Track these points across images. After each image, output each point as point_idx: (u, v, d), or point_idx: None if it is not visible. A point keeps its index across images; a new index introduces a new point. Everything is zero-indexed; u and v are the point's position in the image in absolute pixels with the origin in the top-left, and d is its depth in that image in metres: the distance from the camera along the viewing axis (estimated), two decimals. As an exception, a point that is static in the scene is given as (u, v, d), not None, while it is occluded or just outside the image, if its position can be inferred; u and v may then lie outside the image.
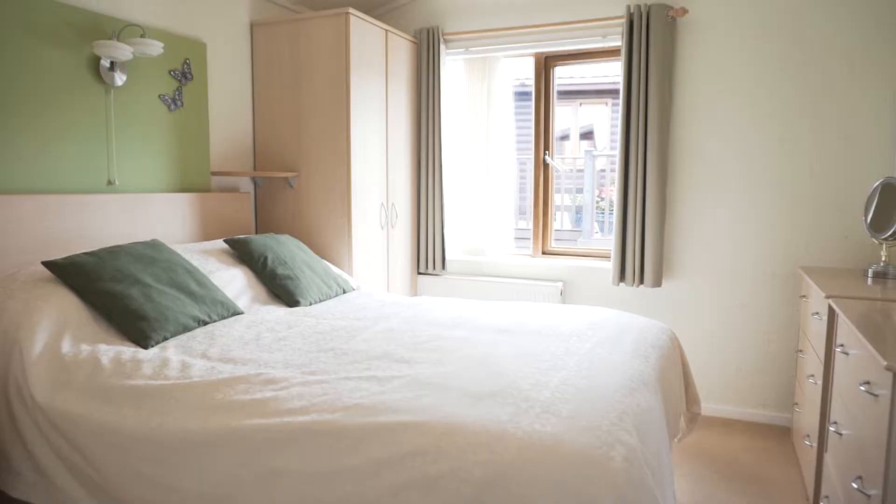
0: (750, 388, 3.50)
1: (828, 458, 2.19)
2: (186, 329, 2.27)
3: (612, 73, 7.84)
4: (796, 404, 3.04)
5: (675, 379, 2.37)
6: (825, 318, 2.35)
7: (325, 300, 2.95)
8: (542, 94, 4.02)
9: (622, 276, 3.63)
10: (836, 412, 2.09)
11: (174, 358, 1.99)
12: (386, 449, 1.47)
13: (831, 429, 2.05)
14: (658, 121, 3.42)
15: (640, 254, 3.54)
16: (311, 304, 2.85)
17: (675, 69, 3.50)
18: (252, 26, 3.59)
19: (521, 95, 5.22)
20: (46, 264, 2.21)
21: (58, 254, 2.51)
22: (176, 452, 1.65)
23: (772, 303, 3.42)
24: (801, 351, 3.01)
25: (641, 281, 3.57)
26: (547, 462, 1.37)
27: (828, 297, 2.27)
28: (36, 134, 2.50)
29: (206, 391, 1.75)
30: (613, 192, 3.61)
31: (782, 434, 3.33)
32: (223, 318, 2.46)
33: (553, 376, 1.78)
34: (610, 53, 3.81)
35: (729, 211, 3.46)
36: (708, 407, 3.54)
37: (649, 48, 3.40)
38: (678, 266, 3.61)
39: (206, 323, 2.36)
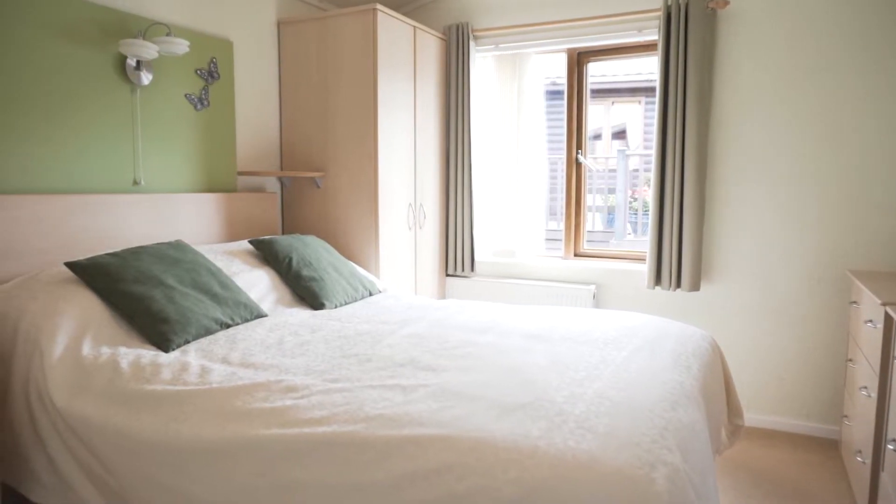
0: (793, 398, 3.34)
1: (884, 478, 2.04)
2: (208, 332, 2.22)
3: (645, 70, 7.66)
4: (846, 417, 2.87)
5: (718, 390, 2.24)
6: (881, 326, 2.19)
7: (350, 303, 2.88)
8: (575, 91, 3.90)
9: (658, 279, 3.49)
10: (894, 429, 1.94)
11: (194, 362, 1.93)
12: (410, 464, 1.39)
13: (889, 447, 1.90)
14: (696, 117, 3.27)
15: (678, 256, 3.40)
16: (336, 306, 2.79)
17: (714, 64, 3.35)
18: (279, 24, 3.55)
19: (553, 94, 5.10)
20: (69, 265, 2.18)
21: (82, 254, 2.49)
22: (192, 461, 1.59)
23: (817, 308, 3.24)
24: (850, 360, 2.84)
25: (678, 284, 3.43)
26: (583, 482, 1.27)
27: (884, 304, 2.12)
28: (62, 133, 2.48)
29: (224, 398, 1.69)
30: (647, 192, 3.47)
31: (829, 447, 3.16)
32: (246, 320, 2.40)
33: (588, 388, 1.67)
34: (645, 48, 3.68)
35: (772, 211, 3.30)
36: (748, 417, 3.38)
37: (688, 42, 3.26)
38: (717, 269, 3.46)
39: (228, 326, 2.31)
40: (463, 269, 4.05)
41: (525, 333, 2.29)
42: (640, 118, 8.43)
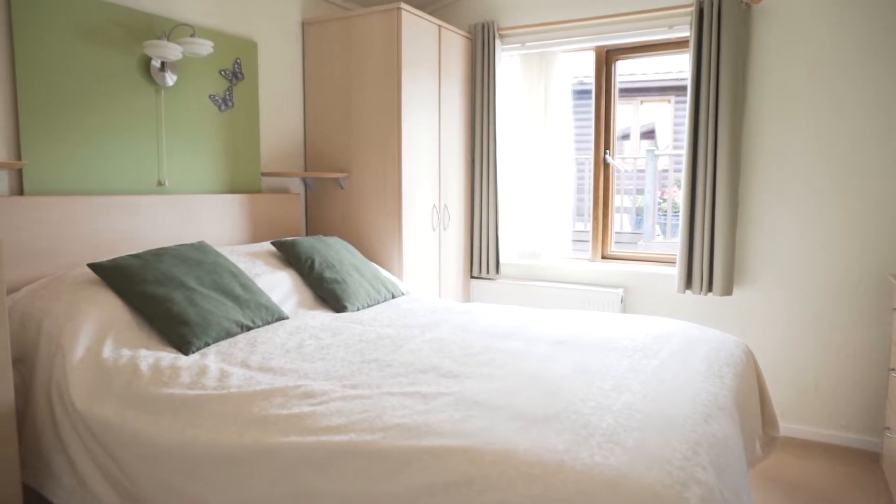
0: (830, 409, 3.21)
1: (931, 496, 1.93)
2: (229, 334, 2.19)
3: (675, 68, 7.51)
4: (888, 429, 2.74)
5: (752, 400, 2.14)
6: (927, 335, 2.08)
7: (373, 305, 2.84)
8: (603, 90, 3.81)
9: (688, 283, 3.39)
10: (942, 444, 1.84)
11: (213, 366, 1.91)
12: (428, 476, 1.34)
13: (938, 464, 1.79)
14: (730, 116, 3.17)
15: (709, 259, 3.30)
16: (358, 309, 2.75)
17: (749, 61, 3.24)
18: (304, 24, 3.53)
19: (580, 94, 5.01)
20: (92, 266, 2.18)
21: (107, 255, 2.49)
22: (208, 467, 1.56)
23: (857, 314, 3.11)
24: (894, 370, 2.71)
25: (710, 289, 3.32)
26: (610, 500, 1.21)
27: (931, 312, 2.01)
28: (87, 135, 2.49)
29: (242, 403, 1.66)
30: (677, 193, 3.37)
31: (869, 460, 3.03)
32: (267, 323, 2.38)
33: (616, 399, 1.60)
34: (676, 45, 3.58)
35: (809, 212, 3.18)
36: (782, 426, 3.26)
37: (721, 38, 3.16)
38: (751, 273, 3.34)
39: (249, 328, 2.29)
40: (488, 272, 3.99)
41: (550, 339, 2.22)
42: (670, 117, 8.28)
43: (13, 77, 2.26)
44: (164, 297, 2.13)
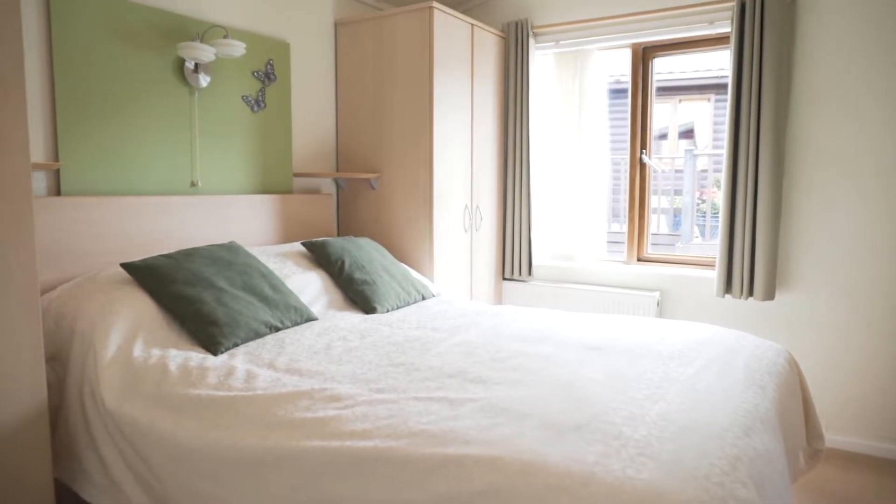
0: (878, 420, 3.06)
1: None
2: (258, 335, 2.19)
3: (715, 65, 7.34)
4: (941, 442, 2.60)
5: (796, 411, 2.05)
6: None
7: (402, 307, 2.82)
8: (640, 89, 3.72)
9: (728, 286, 3.28)
10: None
11: (240, 367, 1.91)
12: (453, 485, 1.30)
13: None
14: (773, 114, 3.05)
15: (750, 262, 3.18)
16: (387, 310, 2.73)
17: (794, 56, 3.11)
18: (336, 25, 3.53)
19: (616, 93, 4.92)
20: (124, 266, 2.20)
21: (140, 255, 2.52)
22: (232, 469, 1.55)
23: (909, 322, 2.97)
24: (948, 380, 2.57)
25: (751, 293, 3.21)
26: (642, 516, 1.15)
27: None
28: (122, 136, 2.52)
29: (267, 406, 1.64)
30: (717, 194, 3.26)
31: (920, 474, 2.89)
32: (296, 324, 2.37)
33: (650, 408, 1.54)
34: (716, 42, 3.47)
35: (857, 214, 3.04)
36: (827, 438, 3.12)
37: (764, 33, 3.04)
38: (794, 276, 3.22)
39: (278, 329, 2.28)
40: (520, 273, 3.93)
41: (582, 344, 2.16)
42: (710, 116, 8.08)
43: (52, 80, 2.29)
44: (194, 298, 2.14)
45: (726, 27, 3.28)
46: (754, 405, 1.62)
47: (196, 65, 2.75)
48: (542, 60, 3.93)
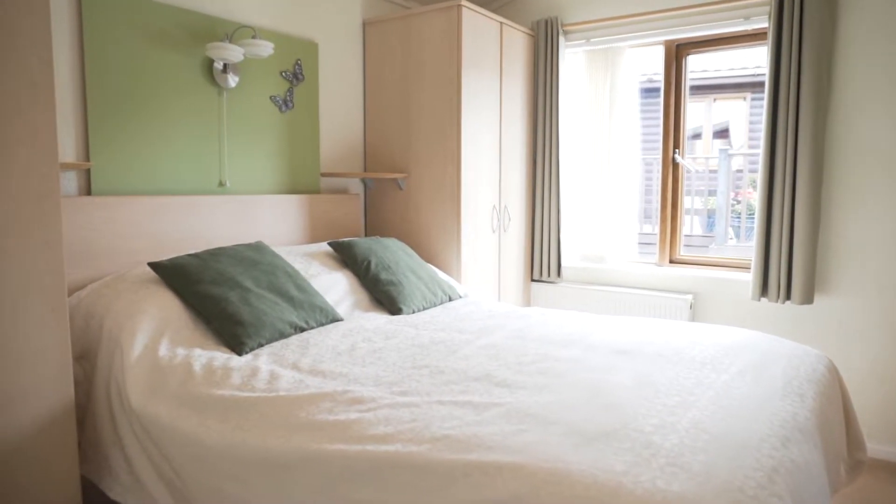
0: (925, 429, 2.93)
1: None
2: (283, 335, 2.18)
3: (751, 63, 7.16)
4: None
5: (836, 420, 1.96)
6: None
7: (428, 308, 2.79)
8: (673, 87, 3.63)
9: (764, 289, 3.18)
10: None
11: (264, 367, 1.90)
12: (476, 493, 1.26)
13: None
14: (812, 113, 2.94)
15: (787, 264, 3.08)
16: (413, 311, 2.70)
17: (835, 52, 3.00)
18: (364, 24, 3.52)
19: (648, 92, 4.82)
20: (151, 265, 2.22)
21: (170, 254, 2.54)
22: (255, 471, 1.54)
23: (957, 328, 2.83)
24: None
25: (788, 296, 3.10)
26: (673, 530, 1.10)
27: None
28: (152, 136, 2.54)
29: (290, 407, 1.63)
30: (752, 194, 3.16)
31: (969, 488, 2.75)
32: (321, 324, 2.36)
33: (682, 416, 1.48)
34: (752, 38, 3.36)
35: (902, 217, 2.92)
36: (869, 448, 3.00)
37: (803, 28, 2.94)
38: (834, 279, 3.10)
39: (303, 329, 2.27)
40: (549, 275, 3.88)
41: (612, 348, 2.10)
42: (745, 115, 7.89)
43: (83, 81, 2.32)
44: (219, 297, 2.14)
45: (763, 22, 3.18)
46: (792, 414, 1.55)
47: (225, 65, 2.76)
48: (572, 59, 3.87)
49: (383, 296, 2.73)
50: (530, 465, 1.28)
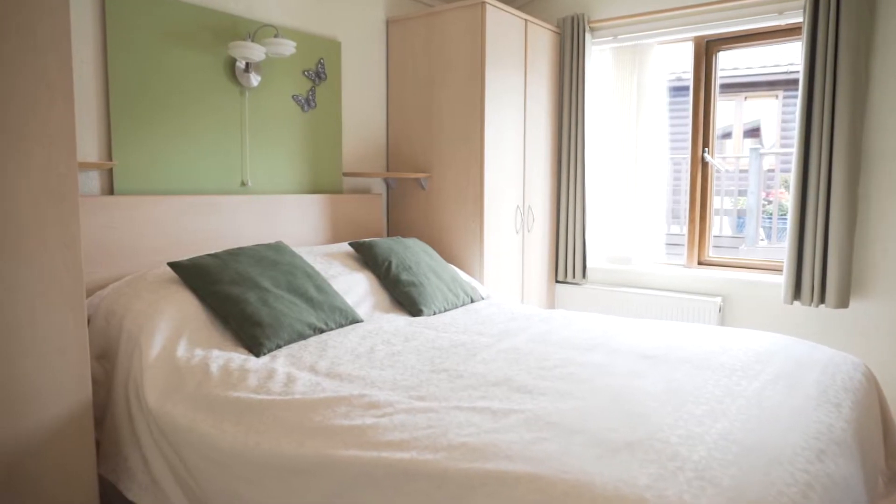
0: (969, 440, 2.80)
1: None
2: (301, 337, 2.16)
3: (784, 60, 6.98)
4: None
5: (874, 430, 1.87)
6: None
7: (449, 309, 2.75)
8: (702, 84, 3.54)
9: (797, 293, 3.08)
10: None
11: (281, 369, 1.87)
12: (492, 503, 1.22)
13: None
14: (849, 111, 2.84)
15: (822, 266, 2.97)
16: (434, 313, 2.67)
17: (873, 48, 2.89)
18: (388, 23, 3.49)
19: (677, 91, 4.72)
20: (171, 265, 2.21)
21: (191, 254, 2.54)
22: (269, 475, 1.51)
23: None
24: None
25: (822, 300, 2.99)
26: (700, 549, 1.04)
27: None
28: (174, 135, 2.54)
29: (305, 411, 1.60)
30: (785, 195, 3.07)
31: None
32: (341, 325, 2.33)
33: (710, 427, 1.42)
34: (786, 33, 3.26)
35: (944, 219, 2.79)
36: (909, 458, 2.88)
37: (839, 23, 2.83)
38: (871, 282, 2.98)
39: (322, 331, 2.25)
40: (574, 276, 3.81)
41: (637, 353, 2.04)
42: (778, 114, 7.70)
43: (106, 80, 2.33)
44: (238, 298, 2.12)
45: (797, 17, 3.07)
46: (828, 425, 1.48)
47: (247, 64, 2.75)
48: (598, 56, 3.80)
49: (403, 297, 2.69)
50: (550, 476, 1.23)
